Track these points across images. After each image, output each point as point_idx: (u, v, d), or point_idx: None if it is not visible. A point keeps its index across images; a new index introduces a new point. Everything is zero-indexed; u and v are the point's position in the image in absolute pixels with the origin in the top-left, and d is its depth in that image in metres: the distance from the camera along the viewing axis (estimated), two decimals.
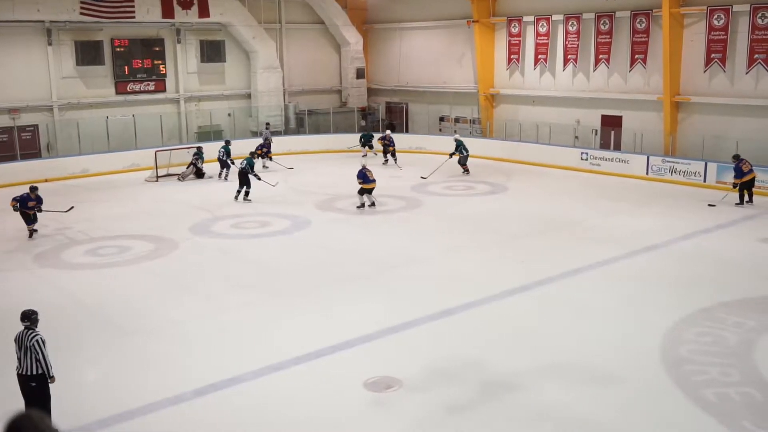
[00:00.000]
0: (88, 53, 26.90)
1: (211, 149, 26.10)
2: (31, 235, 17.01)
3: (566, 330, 10.97)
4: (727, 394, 8.80)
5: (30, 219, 17.04)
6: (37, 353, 7.87)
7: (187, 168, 24.56)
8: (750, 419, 8.20)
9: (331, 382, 9.34)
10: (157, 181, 24.16)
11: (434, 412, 8.49)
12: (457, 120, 31.34)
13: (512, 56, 29.08)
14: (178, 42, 29.22)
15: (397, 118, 33.72)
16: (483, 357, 10.02)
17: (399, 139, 29.78)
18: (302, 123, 32.02)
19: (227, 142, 25.10)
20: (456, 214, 18.99)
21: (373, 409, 8.65)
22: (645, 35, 24.69)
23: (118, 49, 27.62)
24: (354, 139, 29.89)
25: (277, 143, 30.04)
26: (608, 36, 25.68)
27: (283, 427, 8.23)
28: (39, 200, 17.11)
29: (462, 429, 8.11)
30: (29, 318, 8.09)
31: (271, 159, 26.60)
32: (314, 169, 26.20)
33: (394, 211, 19.35)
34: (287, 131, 31.67)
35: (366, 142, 28.35)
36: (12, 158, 25.10)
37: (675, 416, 8.40)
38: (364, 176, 19.28)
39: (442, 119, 31.94)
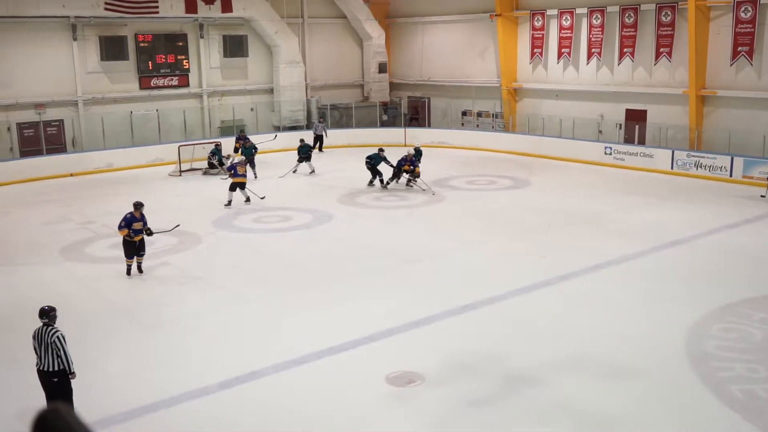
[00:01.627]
0: (112, 48, 27.12)
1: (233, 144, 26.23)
2: (130, 271, 13.50)
3: (588, 325, 10.89)
4: (753, 391, 8.69)
5: (133, 248, 13.46)
6: (59, 349, 7.88)
7: (208, 163, 24.66)
8: None
9: (352, 377, 9.36)
10: (180, 175, 24.31)
11: (455, 407, 8.47)
12: (479, 114, 31.22)
13: (535, 50, 28.88)
14: (201, 37, 29.36)
15: (419, 112, 33.65)
16: (504, 351, 9.99)
17: (422, 134, 29.76)
18: (324, 117, 32.06)
19: (217, 146, 24.99)
20: (478, 208, 18.93)
21: (394, 404, 8.65)
22: (670, 28, 24.40)
23: (141, 45, 27.83)
24: (377, 134, 29.90)
25: (299, 137, 30.13)
26: (633, 29, 25.40)
27: (304, 422, 8.26)
28: (144, 220, 13.66)
29: (483, 423, 8.09)
30: (47, 315, 8.07)
31: (321, 150, 27.47)
32: (336, 164, 26.23)
33: (415, 206, 19.33)
34: (309, 126, 31.71)
35: (303, 154, 24.38)
36: (38, 153, 25.40)
37: (699, 412, 8.31)
38: (234, 169, 19.37)
39: (464, 113, 31.82)
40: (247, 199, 19.49)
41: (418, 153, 22.41)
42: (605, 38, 26.30)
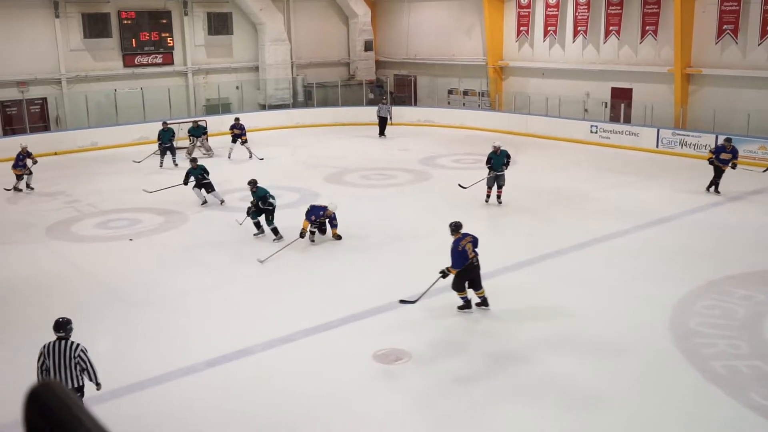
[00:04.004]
0: (95, 26, 26.80)
1: (219, 123, 26.10)
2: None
3: (573, 303, 10.99)
4: (735, 367, 8.82)
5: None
6: (85, 363, 7.24)
7: (190, 143, 24.16)
8: (758, 392, 8.23)
9: (340, 355, 9.41)
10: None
11: (443, 384, 8.55)
12: (465, 93, 31.17)
13: (521, 28, 28.82)
14: (185, 14, 29.06)
15: (405, 91, 33.56)
16: (490, 329, 10.09)
17: (407, 112, 29.74)
18: (310, 96, 31.91)
19: (164, 124, 22.60)
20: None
21: (382, 381, 8.72)
22: (656, 6, 24.40)
23: (125, 22, 27.50)
24: (363, 112, 29.82)
25: (285, 116, 30.03)
26: (619, 7, 25.39)
27: (293, 398, 8.31)
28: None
29: (470, 400, 8.17)
30: (64, 328, 7.27)
31: (383, 134, 26.80)
32: (322, 143, 26.15)
33: (402, 184, 19.35)
34: (295, 104, 31.57)
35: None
36: (21, 131, 25.14)
37: (683, 388, 8.43)
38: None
39: (450, 92, 31.76)
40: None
41: None
42: (591, 16, 26.27)
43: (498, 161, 16.42)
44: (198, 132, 23.65)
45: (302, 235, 13.88)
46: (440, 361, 9.13)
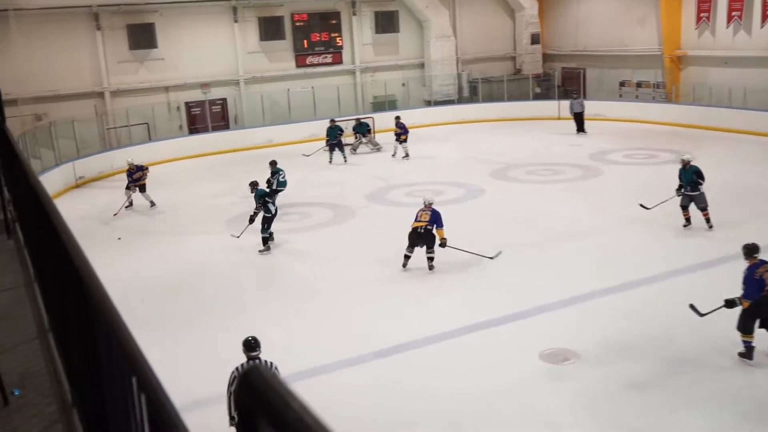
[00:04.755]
0: (270, 29, 28.17)
1: (386, 120, 26.58)
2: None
3: None
4: None
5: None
6: None
7: (355, 140, 24.78)
8: None
9: (505, 352, 9.25)
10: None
11: (613, 388, 8.17)
12: (639, 84, 29.72)
13: (702, 14, 27.02)
14: (354, 14, 29.85)
15: (573, 84, 32.52)
16: (667, 333, 9.49)
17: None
18: (476, 91, 31.73)
19: (332, 122, 23.36)
20: (637, 183, 18.05)
21: (548, 381, 8.47)
22: None
23: (297, 24, 28.69)
24: (529, 107, 29.26)
25: (450, 112, 30.08)
26: None
27: (455, 396, 8.25)
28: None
29: (643, 406, 7.74)
30: (257, 348, 6.85)
31: (582, 130, 25.80)
32: (489, 138, 25.93)
33: (571, 180, 18.76)
34: (460, 100, 31.53)
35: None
36: (204, 130, 26.97)
37: None
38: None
39: (622, 84, 30.40)
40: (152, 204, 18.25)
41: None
42: None
43: (687, 177, 14.05)
44: (362, 129, 24.23)
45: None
46: (611, 363, 8.73)
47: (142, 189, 18.13)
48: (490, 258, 12.59)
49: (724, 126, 24.70)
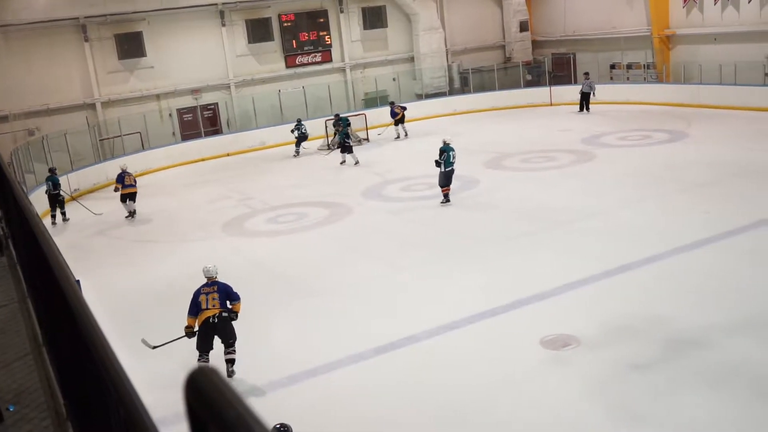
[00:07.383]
0: (258, 31, 28.14)
1: (378, 115, 26.54)
2: None
3: (758, 283, 10.15)
4: None
5: None
6: None
7: (335, 135, 24.50)
8: None
9: (506, 340, 9.27)
10: (329, 149, 24.79)
11: (616, 370, 8.18)
12: (629, 66, 29.69)
13: None
14: (341, 11, 29.82)
15: (564, 70, 32.49)
16: (667, 313, 9.50)
17: (567, 92, 28.81)
18: (467, 82, 31.73)
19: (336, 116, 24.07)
20: (632, 164, 18.07)
21: (549, 367, 8.49)
22: None
23: (285, 24, 28.65)
24: (521, 95, 29.22)
25: (442, 104, 30.07)
26: None
27: (459, 385, 8.27)
28: None
29: (647, 387, 7.76)
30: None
31: (587, 109, 26.50)
32: (481, 128, 25.92)
33: (565, 165, 18.76)
34: (451, 91, 31.52)
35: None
36: (197, 135, 26.93)
37: None
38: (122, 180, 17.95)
39: (612, 67, 30.38)
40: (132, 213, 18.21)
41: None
42: None
43: None
44: (343, 123, 23.80)
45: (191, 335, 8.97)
46: (612, 346, 8.73)
47: (132, 197, 18.08)
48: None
49: (715, 103, 24.71)
